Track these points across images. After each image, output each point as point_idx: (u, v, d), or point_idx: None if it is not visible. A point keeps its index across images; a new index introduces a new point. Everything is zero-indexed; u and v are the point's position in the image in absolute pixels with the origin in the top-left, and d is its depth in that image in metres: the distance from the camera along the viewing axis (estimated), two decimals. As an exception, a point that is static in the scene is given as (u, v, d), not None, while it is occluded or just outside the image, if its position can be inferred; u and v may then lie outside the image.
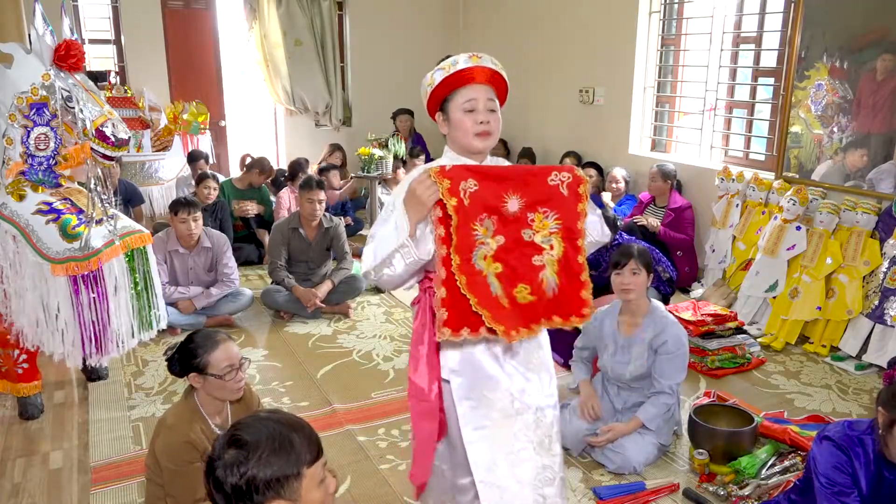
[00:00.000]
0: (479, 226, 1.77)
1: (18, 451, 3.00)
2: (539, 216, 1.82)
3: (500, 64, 1.92)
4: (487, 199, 1.77)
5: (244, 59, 7.64)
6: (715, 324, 3.77)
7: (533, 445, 1.92)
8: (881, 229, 3.96)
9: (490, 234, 1.78)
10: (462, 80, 1.85)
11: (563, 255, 1.83)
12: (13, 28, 4.01)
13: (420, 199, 1.75)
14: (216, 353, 2.16)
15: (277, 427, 1.36)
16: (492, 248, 1.78)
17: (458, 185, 1.75)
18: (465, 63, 1.85)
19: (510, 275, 1.79)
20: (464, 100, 1.86)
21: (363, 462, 2.88)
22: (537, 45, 6.93)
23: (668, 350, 2.83)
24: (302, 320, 4.53)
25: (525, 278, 1.81)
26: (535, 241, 1.82)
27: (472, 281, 1.74)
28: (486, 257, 1.77)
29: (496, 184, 1.79)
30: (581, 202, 1.83)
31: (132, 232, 3.10)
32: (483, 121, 1.86)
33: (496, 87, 1.90)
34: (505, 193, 1.79)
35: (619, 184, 5.71)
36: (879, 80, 4.01)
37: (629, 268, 2.86)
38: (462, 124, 1.87)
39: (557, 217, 1.83)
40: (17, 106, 2.90)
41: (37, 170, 2.97)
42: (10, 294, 3.01)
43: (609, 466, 2.80)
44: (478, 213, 1.77)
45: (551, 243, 1.82)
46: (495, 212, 1.79)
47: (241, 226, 5.84)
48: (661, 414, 2.84)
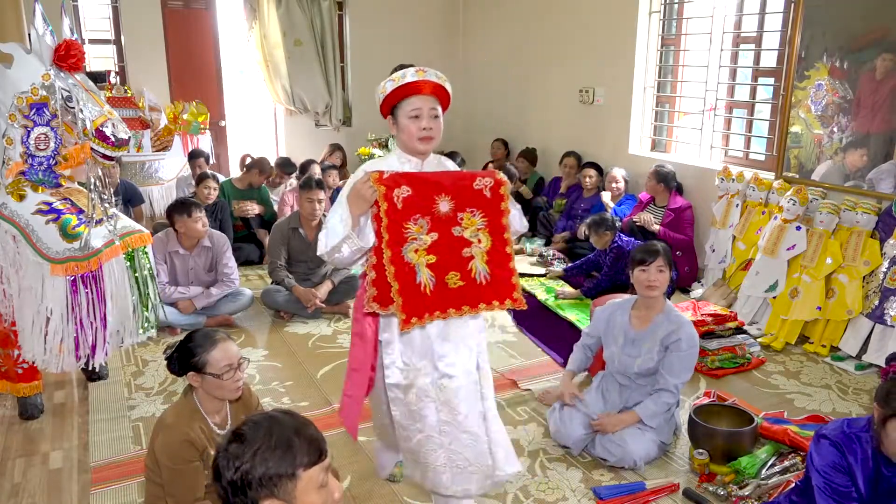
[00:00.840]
0: (413, 224, 2.12)
1: (18, 451, 3.00)
2: (467, 215, 2.16)
3: (444, 76, 2.23)
4: (420, 202, 2.12)
5: (244, 59, 7.64)
6: (715, 324, 3.77)
7: (436, 405, 2.25)
8: (881, 229, 3.96)
9: (424, 232, 2.13)
10: (409, 91, 2.16)
11: (490, 247, 2.18)
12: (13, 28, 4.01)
13: (361, 198, 2.09)
14: (215, 353, 2.16)
15: (279, 426, 1.36)
16: (425, 242, 2.13)
17: (391, 192, 2.09)
18: (412, 77, 2.16)
19: (442, 264, 2.14)
20: (410, 108, 2.18)
21: (363, 462, 2.88)
22: (537, 45, 6.93)
23: (682, 348, 2.85)
24: (302, 320, 4.53)
25: (455, 267, 2.16)
26: (464, 236, 2.17)
27: (398, 271, 2.10)
28: (418, 251, 2.12)
29: (428, 189, 2.13)
30: (503, 201, 2.19)
31: (132, 232, 3.10)
32: (426, 127, 2.19)
33: (439, 97, 2.22)
34: (437, 196, 2.14)
35: (618, 184, 5.72)
36: (879, 80, 4.01)
37: (655, 265, 2.88)
38: (408, 129, 2.19)
39: (483, 215, 2.17)
40: (17, 106, 2.90)
41: (37, 170, 2.97)
42: (10, 294, 3.01)
43: (609, 459, 2.81)
44: (410, 214, 2.11)
45: (479, 238, 2.17)
46: (428, 212, 2.13)
47: (241, 226, 5.84)
48: (660, 412, 2.84)
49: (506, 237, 2.18)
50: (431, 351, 2.25)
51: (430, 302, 2.12)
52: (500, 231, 2.18)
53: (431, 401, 2.25)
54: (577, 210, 5.97)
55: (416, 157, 2.26)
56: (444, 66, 2.05)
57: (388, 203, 2.09)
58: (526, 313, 4.61)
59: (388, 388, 2.29)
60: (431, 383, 2.25)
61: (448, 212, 2.14)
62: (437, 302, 2.13)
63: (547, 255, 5.78)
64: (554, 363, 3.88)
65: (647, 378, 2.93)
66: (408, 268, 2.11)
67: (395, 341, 2.27)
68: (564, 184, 6.37)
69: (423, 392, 2.24)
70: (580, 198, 6.03)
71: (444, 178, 2.16)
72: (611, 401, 3.01)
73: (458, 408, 2.25)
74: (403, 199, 2.10)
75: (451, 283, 2.15)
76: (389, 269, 2.08)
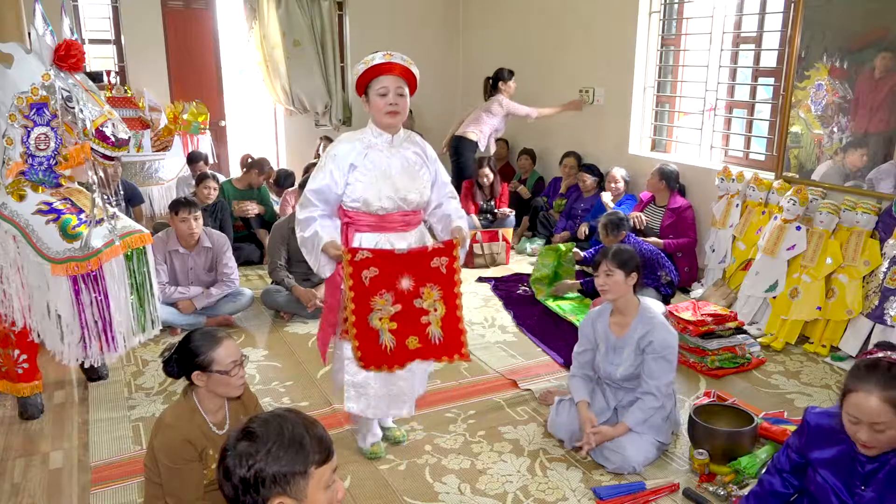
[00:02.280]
0: (379, 297, 2.54)
1: (18, 451, 3.00)
2: (427, 289, 2.59)
3: (411, 60, 2.57)
4: (385, 280, 2.52)
5: (244, 59, 7.63)
6: (715, 324, 3.77)
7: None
8: (881, 229, 3.96)
9: (389, 304, 2.56)
10: (378, 72, 2.54)
11: (444, 314, 2.63)
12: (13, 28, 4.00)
13: (334, 257, 2.61)
14: (220, 350, 2.17)
15: (290, 424, 1.36)
16: (389, 312, 2.56)
17: (360, 273, 2.49)
18: (380, 59, 2.53)
19: (403, 330, 2.58)
20: (378, 86, 2.55)
21: (363, 462, 2.88)
22: (537, 45, 6.93)
23: (655, 350, 2.82)
24: (302, 320, 4.53)
25: (414, 332, 2.60)
26: (423, 306, 2.60)
27: (361, 333, 2.54)
28: (382, 319, 2.55)
29: (393, 268, 2.53)
30: (456, 273, 2.64)
31: (132, 232, 3.10)
32: (392, 103, 2.56)
33: (406, 78, 2.58)
34: (399, 275, 2.55)
35: (618, 184, 5.72)
36: (878, 78, 4.01)
37: (602, 269, 2.89)
38: (376, 104, 2.58)
39: (440, 289, 2.61)
40: (17, 106, 2.90)
41: (37, 170, 2.97)
42: (10, 294, 3.01)
43: (608, 466, 2.80)
44: (377, 289, 2.52)
45: (435, 307, 2.62)
46: (392, 288, 2.54)
47: (242, 226, 5.84)
48: (647, 418, 2.82)
49: (458, 303, 2.64)
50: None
51: (390, 357, 2.59)
52: (453, 298, 2.63)
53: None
54: (577, 210, 5.97)
55: (386, 131, 2.65)
56: (444, 67, 2.13)
57: (354, 281, 2.49)
58: (526, 313, 4.64)
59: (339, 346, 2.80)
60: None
61: (409, 287, 2.56)
62: (395, 357, 2.59)
63: (547, 255, 5.78)
64: (554, 363, 3.88)
65: (634, 381, 2.92)
66: (372, 332, 2.55)
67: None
68: (564, 184, 6.37)
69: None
70: (580, 198, 6.03)
71: (408, 258, 2.56)
72: (606, 399, 3.01)
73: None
74: (371, 279, 2.50)
75: (410, 345, 2.59)
76: (351, 330, 2.52)
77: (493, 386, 3.57)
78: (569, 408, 2.98)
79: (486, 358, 3.91)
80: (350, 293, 2.47)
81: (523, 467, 2.85)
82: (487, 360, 3.88)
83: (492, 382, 3.61)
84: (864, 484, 1.89)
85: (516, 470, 2.83)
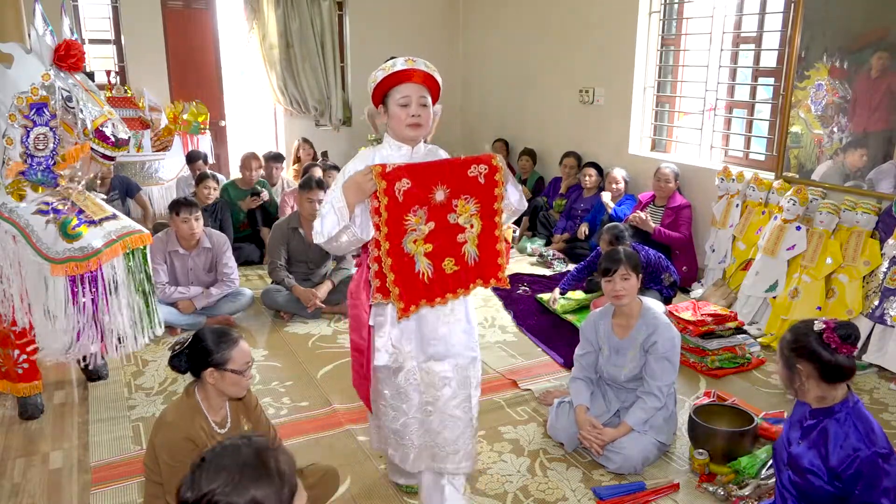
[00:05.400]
0: (413, 216, 2.17)
1: (18, 451, 3.00)
2: (462, 202, 2.22)
3: (434, 67, 2.27)
4: (419, 193, 2.16)
5: (244, 59, 7.63)
6: (715, 324, 3.77)
7: (421, 387, 2.34)
8: (881, 229, 3.96)
9: (423, 222, 2.18)
10: (398, 80, 2.22)
11: (481, 230, 2.26)
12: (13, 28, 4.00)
13: (359, 188, 2.11)
14: (237, 350, 2.20)
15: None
16: (423, 232, 2.19)
17: (392, 186, 2.12)
18: (401, 65, 2.21)
19: (439, 252, 2.23)
20: (399, 96, 2.22)
21: (363, 462, 2.88)
22: (537, 45, 6.93)
23: (659, 351, 2.82)
24: (302, 320, 4.53)
25: (451, 253, 2.25)
26: (458, 222, 2.24)
27: (396, 262, 2.17)
28: (417, 241, 2.19)
29: (427, 179, 2.16)
30: (497, 187, 2.24)
31: (132, 232, 3.10)
32: (415, 114, 2.23)
33: (429, 86, 2.26)
34: (434, 186, 2.17)
35: (618, 184, 5.71)
36: (874, 78, 4.01)
37: (619, 274, 2.85)
38: (397, 116, 2.24)
39: (477, 201, 2.24)
40: (17, 106, 2.90)
41: (35, 170, 2.97)
42: (10, 294, 3.01)
43: (609, 466, 2.79)
44: (410, 206, 2.15)
45: (471, 223, 2.25)
46: (426, 202, 2.17)
47: (246, 224, 5.86)
48: (648, 418, 2.82)
49: (496, 221, 2.28)
50: (421, 335, 2.31)
51: (428, 289, 2.23)
52: (491, 216, 2.27)
53: (417, 383, 2.33)
54: (577, 210, 5.97)
55: (406, 143, 2.31)
56: (444, 67, 2.07)
57: (388, 198, 2.12)
58: (526, 313, 4.63)
59: (377, 369, 2.36)
60: (417, 366, 2.32)
61: (443, 200, 2.20)
62: (434, 288, 2.24)
63: (547, 255, 5.78)
64: (554, 363, 3.88)
65: (638, 382, 2.92)
66: (406, 258, 2.19)
67: (386, 325, 2.32)
68: (564, 184, 6.37)
69: (411, 374, 2.32)
70: (580, 198, 6.03)
71: (441, 166, 2.21)
72: (607, 401, 3.01)
73: (443, 391, 2.33)
74: (404, 193, 2.14)
75: (447, 268, 2.25)
76: (386, 261, 2.16)
77: (493, 386, 3.57)
78: (568, 411, 2.98)
79: (486, 358, 3.90)
80: (384, 214, 2.12)
81: (523, 467, 2.85)
82: (487, 360, 3.87)
83: (492, 382, 3.61)
84: (801, 438, 2.11)
85: (516, 470, 2.83)
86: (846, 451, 1.97)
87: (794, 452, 2.11)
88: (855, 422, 2.00)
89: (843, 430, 2.00)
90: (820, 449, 2.03)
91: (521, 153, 7.03)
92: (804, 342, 2.03)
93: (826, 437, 2.03)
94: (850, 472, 1.96)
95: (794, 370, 2.06)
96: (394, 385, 2.36)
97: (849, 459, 1.96)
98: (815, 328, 2.03)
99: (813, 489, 2.04)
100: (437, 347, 2.32)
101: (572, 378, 3.08)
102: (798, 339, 2.05)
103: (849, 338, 2.00)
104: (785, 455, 2.15)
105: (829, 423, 2.04)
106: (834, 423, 2.03)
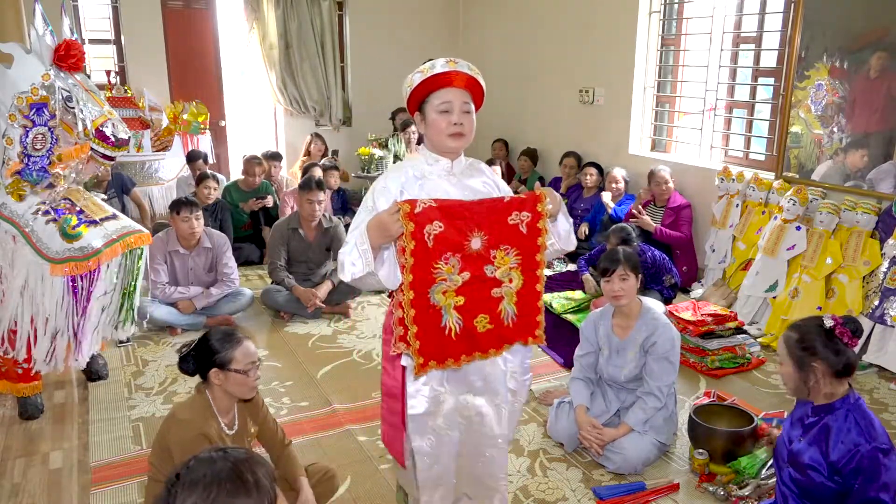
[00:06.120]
0: (444, 264, 1.90)
1: (18, 451, 3.00)
2: (500, 253, 1.96)
3: (477, 69, 2.02)
4: (452, 238, 1.89)
5: (244, 59, 7.63)
6: (715, 324, 3.77)
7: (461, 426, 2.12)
8: (881, 229, 3.96)
9: (456, 272, 1.92)
10: (438, 84, 1.96)
11: (521, 286, 2.00)
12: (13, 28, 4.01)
13: (385, 230, 1.85)
14: (239, 350, 2.19)
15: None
16: (456, 282, 1.92)
17: (422, 229, 1.85)
18: (441, 67, 1.96)
19: (471, 307, 1.96)
20: (439, 102, 1.97)
21: (363, 462, 2.88)
22: (537, 45, 6.93)
23: (658, 352, 2.82)
24: (302, 320, 4.53)
25: (484, 309, 1.98)
26: (496, 276, 1.97)
27: (420, 314, 1.91)
28: (447, 292, 1.92)
29: (462, 223, 1.90)
30: (540, 236, 1.98)
31: (132, 232, 3.10)
32: (457, 122, 1.97)
33: (472, 91, 2.01)
34: (470, 232, 1.91)
35: (618, 184, 5.71)
36: (873, 78, 4.01)
37: (618, 274, 2.84)
38: (437, 125, 1.98)
39: (518, 253, 1.97)
40: (16, 106, 2.90)
41: (31, 169, 2.96)
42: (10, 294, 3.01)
43: (609, 466, 2.80)
44: (442, 252, 1.89)
45: (510, 277, 1.98)
46: (459, 250, 1.91)
47: (249, 225, 5.86)
48: (648, 418, 2.82)
49: (538, 274, 2.02)
50: (462, 371, 2.07)
51: (455, 346, 1.97)
52: (532, 269, 2.01)
53: (457, 423, 2.11)
54: (577, 210, 5.97)
55: (445, 156, 2.05)
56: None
57: (416, 242, 1.85)
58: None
59: (411, 419, 2.06)
60: (457, 403, 2.09)
61: (480, 249, 1.93)
62: (462, 346, 1.98)
63: (547, 255, 5.77)
64: (554, 363, 3.88)
65: (638, 382, 2.92)
66: (433, 310, 1.93)
67: None
68: (564, 184, 6.37)
69: (453, 411, 2.09)
70: (580, 198, 6.03)
71: (480, 209, 1.93)
72: (607, 401, 3.01)
73: (482, 429, 2.12)
74: (435, 237, 1.87)
75: (479, 326, 1.98)
76: (409, 312, 1.90)
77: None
78: (568, 411, 2.98)
79: (486, 358, 3.90)
80: (410, 259, 1.86)
81: (523, 467, 2.85)
82: (487, 360, 3.87)
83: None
84: (802, 435, 2.11)
85: (516, 470, 2.83)
86: (847, 447, 1.97)
87: (794, 449, 2.11)
88: (856, 417, 2.00)
89: (844, 425, 2.01)
90: (821, 445, 2.03)
91: (521, 153, 7.03)
92: (819, 340, 2.02)
93: (828, 434, 2.03)
94: (850, 466, 1.96)
95: (807, 369, 2.03)
96: (432, 431, 2.09)
97: (849, 454, 1.96)
98: (826, 325, 2.03)
99: (814, 486, 2.04)
100: (476, 383, 2.10)
101: (572, 378, 3.08)
102: (810, 338, 2.04)
103: (857, 332, 2.02)
104: (785, 452, 2.15)
105: (831, 419, 2.04)
106: (835, 420, 2.03)
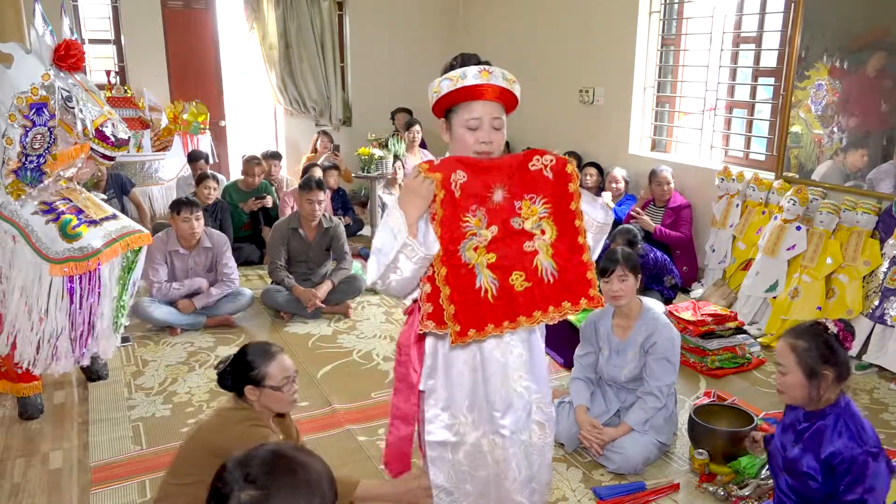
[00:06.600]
0: (472, 216, 1.78)
1: (18, 451, 3.00)
2: (526, 203, 1.81)
3: (512, 77, 1.84)
4: (477, 189, 1.78)
5: (244, 59, 7.64)
6: (715, 324, 3.77)
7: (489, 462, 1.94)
8: (881, 229, 3.96)
9: (484, 226, 1.79)
10: (469, 96, 1.78)
11: (556, 237, 1.82)
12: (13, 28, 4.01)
13: (417, 194, 1.74)
14: (273, 365, 2.16)
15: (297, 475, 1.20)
16: (486, 237, 1.79)
17: (449, 178, 1.75)
18: (474, 79, 1.76)
19: (504, 264, 1.80)
20: (468, 116, 1.79)
21: (363, 462, 2.88)
22: (537, 45, 6.93)
23: (658, 352, 2.82)
24: (302, 320, 4.53)
25: (518, 265, 1.81)
26: (524, 228, 1.82)
27: (452, 273, 1.76)
28: (478, 248, 1.79)
29: (484, 174, 1.79)
30: (571, 181, 1.81)
31: (132, 232, 3.10)
32: (485, 140, 1.80)
33: (505, 103, 1.83)
34: (492, 184, 1.79)
35: (618, 184, 5.71)
36: (873, 78, 4.01)
37: (617, 275, 2.83)
38: (463, 140, 1.81)
39: (546, 201, 1.82)
40: (16, 106, 2.89)
41: (27, 168, 2.96)
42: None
43: (609, 466, 2.80)
44: (469, 203, 1.78)
45: (542, 228, 1.82)
46: (484, 203, 1.79)
47: (249, 224, 5.86)
48: (648, 418, 2.83)
49: (577, 225, 1.81)
50: (485, 400, 1.90)
51: (494, 310, 1.79)
52: (568, 218, 1.81)
53: (484, 459, 1.93)
54: (577, 210, 5.96)
55: None
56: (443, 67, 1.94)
57: (445, 191, 1.74)
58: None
59: (430, 446, 1.91)
60: (484, 437, 1.92)
61: (501, 201, 1.79)
62: (501, 310, 1.79)
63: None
64: (554, 363, 3.88)
65: (638, 382, 2.92)
66: (465, 269, 1.77)
67: (438, 389, 1.91)
68: (564, 184, 6.35)
69: (476, 449, 1.92)
70: (580, 198, 6.02)
71: (498, 162, 1.81)
72: (607, 402, 3.00)
73: (507, 472, 1.93)
74: (461, 186, 1.76)
75: (516, 285, 1.80)
76: (440, 272, 1.75)
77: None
78: (568, 411, 2.98)
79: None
80: (440, 211, 1.74)
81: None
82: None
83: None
84: (795, 442, 2.11)
85: (516, 470, 2.82)
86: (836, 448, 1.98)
87: (790, 457, 2.11)
88: (847, 421, 2.01)
89: (836, 429, 2.01)
90: (815, 450, 2.04)
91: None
92: (830, 347, 2.00)
93: (821, 438, 2.03)
94: (841, 468, 1.97)
95: (818, 377, 1.99)
96: (452, 465, 1.92)
97: (839, 456, 1.97)
98: (831, 331, 2.01)
99: (811, 493, 2.04)
100: (503, 415, 1.90)
101: (572, 378, 3.08)
102: (819, 345, 2.00)
103: (852, 333, 2.03)
104: (781, 460, 2.15)
105: (823, 423, 2.04)
106: (827, 424, 2.03)
